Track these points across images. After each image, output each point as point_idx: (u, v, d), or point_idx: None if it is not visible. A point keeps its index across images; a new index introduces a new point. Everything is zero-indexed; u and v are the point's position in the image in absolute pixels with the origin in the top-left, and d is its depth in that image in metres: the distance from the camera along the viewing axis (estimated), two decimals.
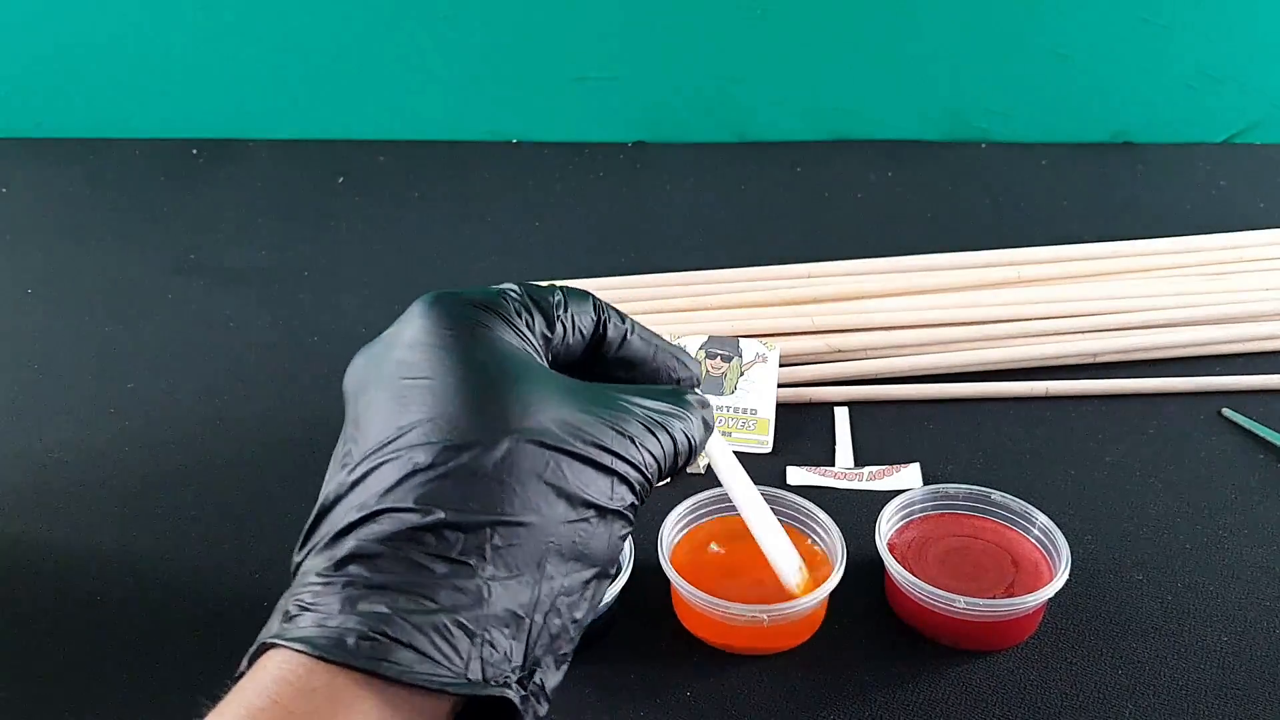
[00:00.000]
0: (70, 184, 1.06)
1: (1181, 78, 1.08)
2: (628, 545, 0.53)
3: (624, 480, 0.32)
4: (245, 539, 0.59)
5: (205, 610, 0.54)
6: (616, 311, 0.37)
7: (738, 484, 0.45)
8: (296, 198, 1.03)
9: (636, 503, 0.33)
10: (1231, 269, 0.82)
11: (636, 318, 0.38)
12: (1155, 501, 0.61)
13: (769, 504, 0.54)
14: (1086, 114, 1.10)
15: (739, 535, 0.55)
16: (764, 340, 0.72)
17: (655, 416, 0.34)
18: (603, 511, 0.32)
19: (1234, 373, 0.72)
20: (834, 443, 0.67)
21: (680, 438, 0.34)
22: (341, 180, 1.05)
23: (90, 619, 0.54)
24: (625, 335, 0.37)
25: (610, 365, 0.37)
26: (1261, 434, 0.66)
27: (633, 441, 0.33)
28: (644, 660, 0.51)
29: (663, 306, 0.79)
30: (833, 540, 0.53)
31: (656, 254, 0.89)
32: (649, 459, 0.33)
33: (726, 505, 0.56)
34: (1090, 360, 0.74)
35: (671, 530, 0.54)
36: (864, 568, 0.56)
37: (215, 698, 0.29)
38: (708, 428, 0.36)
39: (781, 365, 0.71)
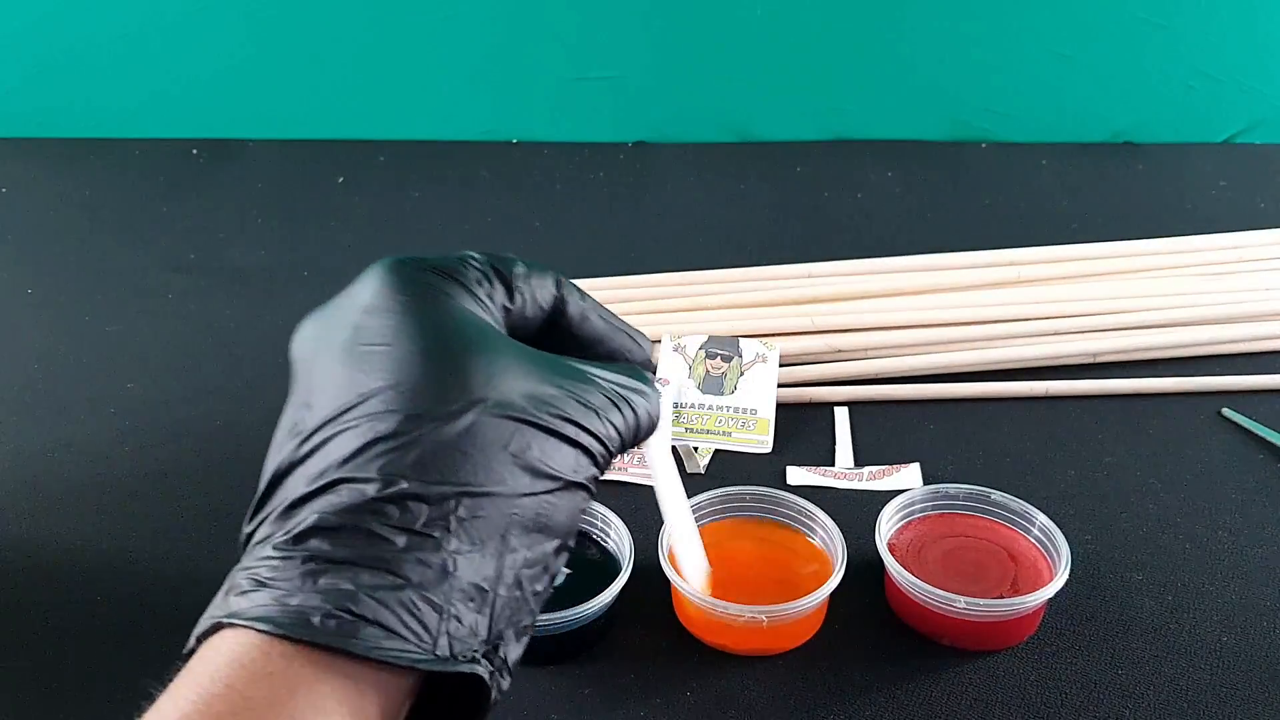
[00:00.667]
0: (70, 184, 1.06)
1: (1181, 78, 1.08)
2: (628, 545, 0.53)
3: (587, 452, 0.32)
4: None
5: (205, 610, 0.54)
6: (576, 288, 0.36)
7: (665, 474, 0.44)
8: (296, 198, 1.03)
9: (598, 474, 0.33)
10: (1231, 269, 0.82)
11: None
12: (1155, 501, 0.61)
13: (769, 504, 0.54)
14: (1086, 114, 1.10)
15: (740, 536, 0.55)
16: (764, 340, 0.72)
17: (619, 389, 0.33)
18: (566, 483, 0.31)
19: (1234, 373, 0.72)
20: (834, 443, 0.67)
21: (642, 413, 0.34)
22: (341, 180, 1.05)
23: (89, 619, 0.54)
24: (584, 313, 0.36)
25: (566, 342, 0.36)
26: (1262, 434, 0.66)
27: (596, 414, 0.32)
28: (644, 660, 0.51)
29: (663, 306, 0.79)
30: (833, 540, 0.53)
31: (656, 254, 0.89)
32: (612, 431, 0.33)
33: (729, 507, 0.56)
34: (1090, 360, 0.74)
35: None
36: (864, 568, 0.56)
37: (165, 680, 0.28)
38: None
39: (781, 365, 0.71)
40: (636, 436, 0.34)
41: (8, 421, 0.70)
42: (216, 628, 0.28)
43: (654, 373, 0.38)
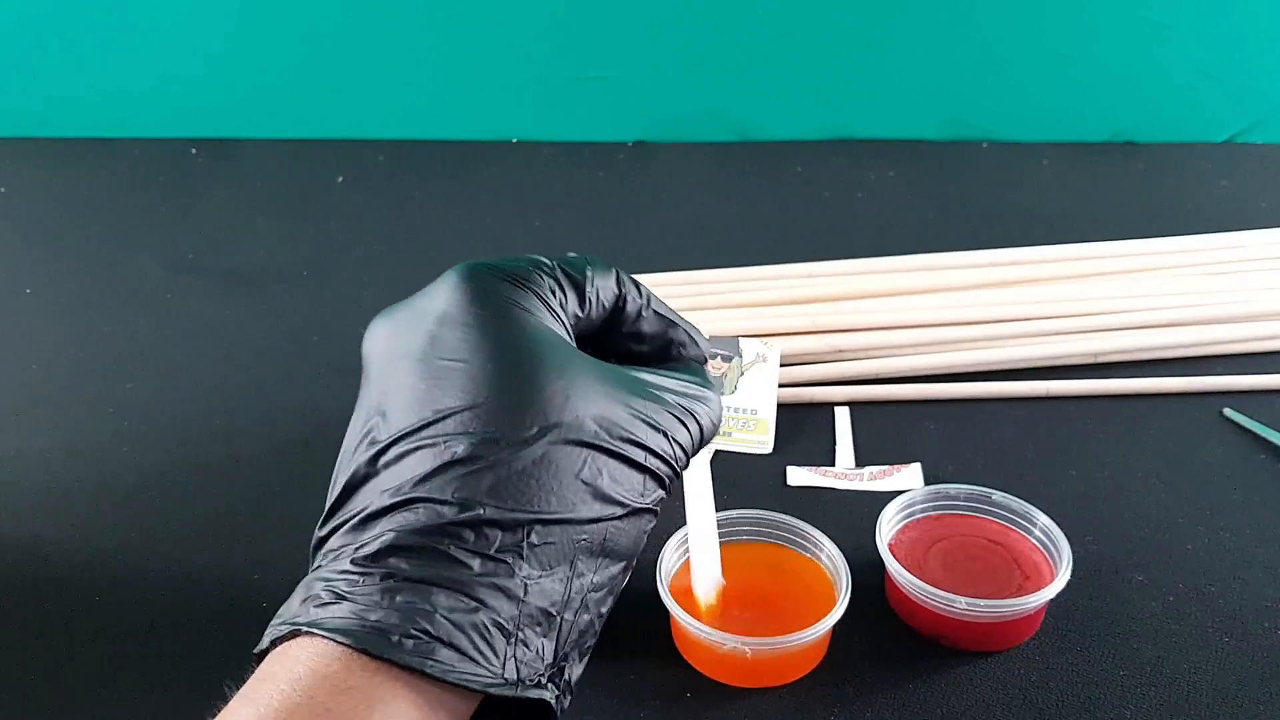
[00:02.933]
0: (70, 184, 1.06)
1: (1181, 78, 1.08)
2: None
3: (655, 476, 0.32)
4: (245, 539, 0.59)
5: (205, 610, 0.54)
6: (635, 283, 0.36)
7: (699, 477, 0.43)
8: (296, 198, 1.02)
9: (664, 495, 0.33)
10: (1232, 269, 0.82)
11: None
12: (1156, 502, 0.61)
13: (770, 528, 0.53)
14: (1086, 114, 1.10)
15: (742, 564, 0.52)
16: (764, 340, 0.72)
17: (684, 404, 0.33)
18: (634, 510, 0.32)
19: (1235, 373, 0.72)
20: (834, 443, 0.67)
21: (706, 423, 0.34)
22: (341, 180, 1.05)
23: (89, 618, 0.54)
24: (641, 310, 0.36)
25: (624, 337, 0.36)
26: (1263, 434, 0.66)
27: (665, 436, 0.32)
28: (643, 662, 0.51)
29: None
30: (838, 570, 0.51)
31: (656, 254, 0.89)
32: (679, 452, 0.33)
33: (731, 530, 0.54)
34: (1091, 360, 0.74)
35: (671, 557, 0.52)
36: (864, 568, 0.55)
37: (240, 679, 0.28)
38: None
39: (781, 365, 0.71)
40: (700, 446, 0.34)
41: (8, 421, 0.70)
42: (294, 633, 0.29)
43: (705, 364, 0.39)
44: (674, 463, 0.33)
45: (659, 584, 0.50)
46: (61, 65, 1.12)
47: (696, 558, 0.47)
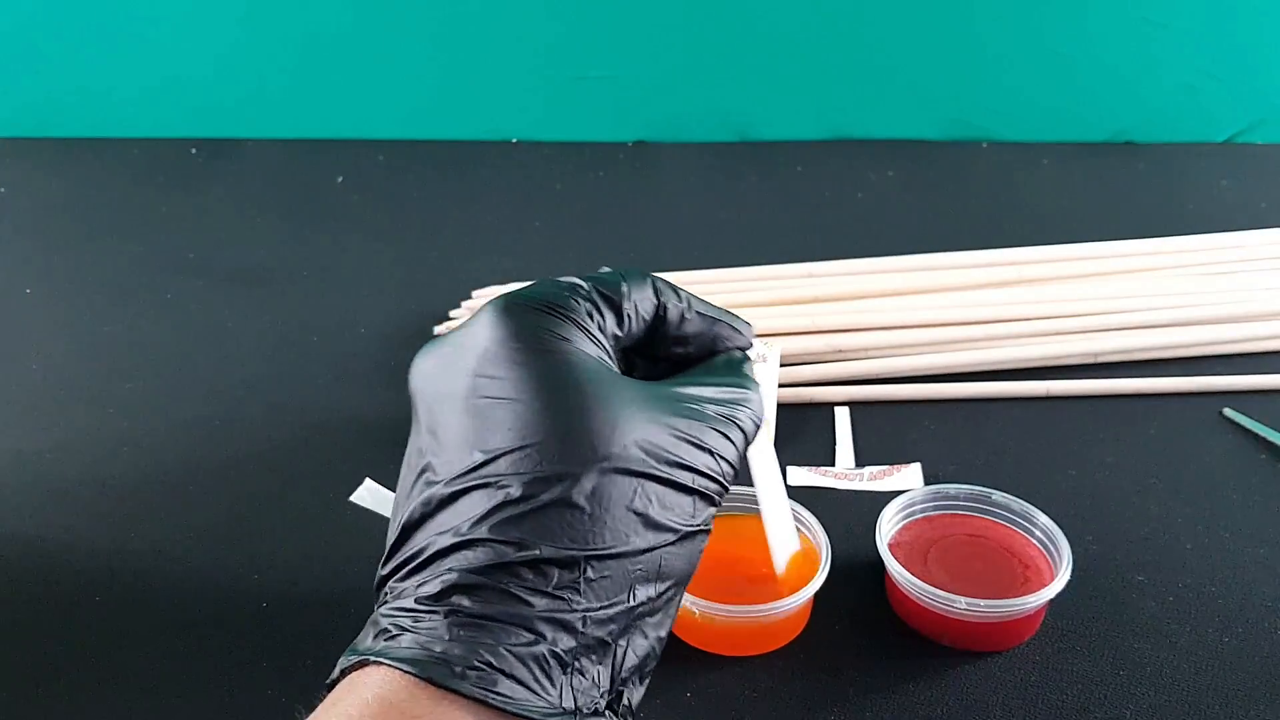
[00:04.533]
0: (70, 184, 1.06)
1: (1181, 78, 1.08)
2: None
3: (704, 496, 0.33)
4: (245, 539, 0.59)
5: (205, 610, 0.54)
6: (672, 288, 0.37)
7: (765, 458, 0.45)
8: (296, 198, 1.03)
9: (714, 511, 0.34)
10: (1232, 269, 0.82)
11: None
12: (1156, 502, 0.61)
13: (748, 501, 0.53)
14: (1086, 114, 1.10)
15: (732, 536, 0.54)
16: (764, 340, 0.72)
17: (725, 413, 0.34)
18: (686, 533, 0.32)
19: (1235, 373, 0.72)
20: (834, 443, 0.67)
21: (749, 425, 0.35)
22: (341, 180, 1.05)
23: (89, 618, 0.54)
24: (683, 314, 0.37)
25: (669, 342, 0.37)
26: (1263, 434, 0.66)
27: (711, 454, 0.33)
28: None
29: None
30: (817, 541, 0.53)
31: (656, 254, 0.89)
32: (726, 467, 0.34)
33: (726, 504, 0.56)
34: (1090, 360, 0.74)
35: None
36: (864, 568, 0.56)
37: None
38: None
39: (781, 365, 0.71)
40: (745, 450, 0.35)
41: (8, 421, 0.70)
42: (362, 664, 0.30)
43: (750, 348, 0.39)
44: (721, 479, 0.33)
45: None
46: (61, 65, 1.12)
47: (772, 533, 0.48)
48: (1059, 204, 0.98)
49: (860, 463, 0.65)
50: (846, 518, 0.59)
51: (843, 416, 0.69)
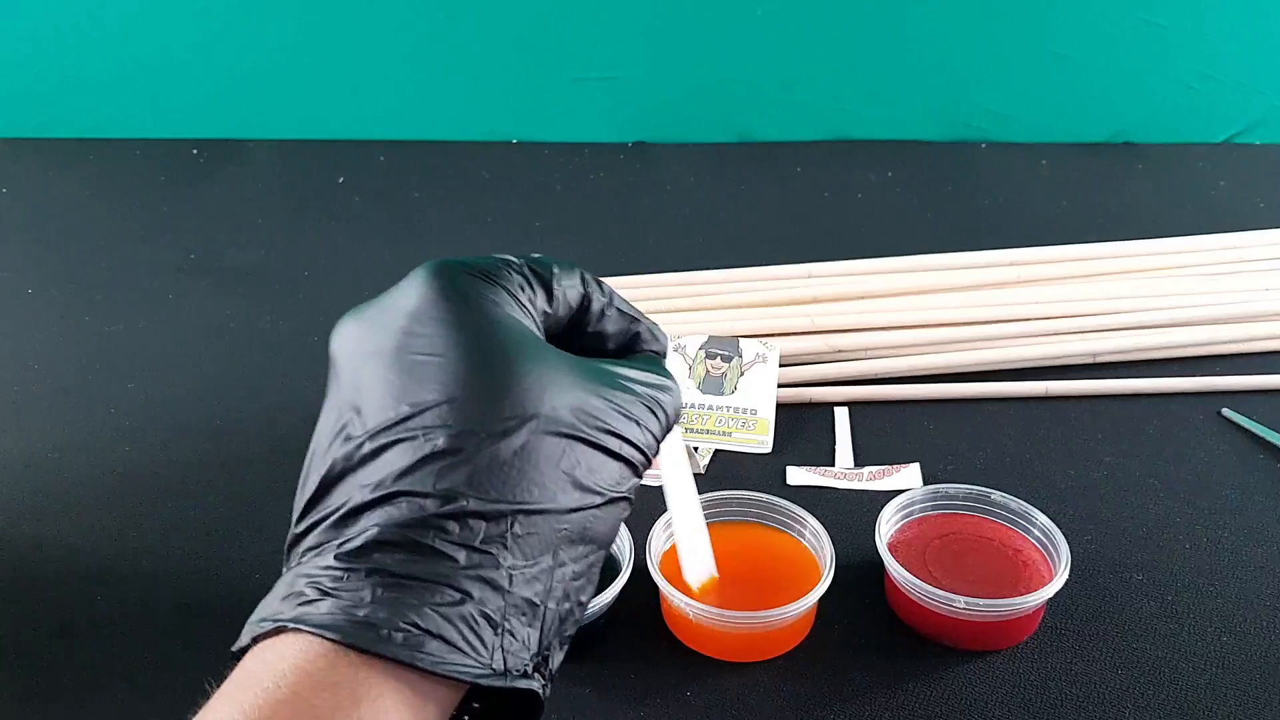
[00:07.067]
0: (70, 184, 1.06)
1: (1181, 78, 1.08)
2: (628, 546, 0.53)
3: (629, 464, 0.33)
4: (245, 539, 0.59)
5: (205, 609, 0.54)
6: (598, 282, 0.37)
7: (677, 469, 0.44)
8: (296, 198, 1.03)
9: (638, 482, 0.33)
10: (1231, 269, 0.82)
11: None
12: (1155, 501, 0.61)
13: (759, 508, 0.53)
14: (1086, 114, 1.10)
15: (729, 541, 0.54)
16: (764, 340, 0.72)
17: (651, 393, 0.34)
18: (611, 498, 0.32)
19: (1234, 373, 0.72)
20: (834, 443, 0.67)
21: (670, 411, 0.35)
22: (341, 180, 1.05)
23: (89, 618, 0.54)
24: (604, 309, 0.37)
25: (589, 336, 0.37)
26: (1261, 434, 0.66)
27: (637, 424, 0.33)
28: (643, 661, 0.51)
29: (663, 306, 0.79)
30: (822, 546, 0.53)
31: (656, 254, 0.89)
32: (650, 439, 0.33)
33: (717, 512, 0.56)
34: (1090, 360, 0.74)
35: (661, 535, 0.54)
36: (864, 568, 0.56)
37: (221, 677, 0.28)
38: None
39: (781, 365, 0.71)
40: (665, 434, 0.35)
41: (8, 421, 0.70)
42: (278, 630, 0.29)
43: (664, 357, 0.39)
44: (646, 450, 0.33)
45: (648, 560, 0.52)
46: (61, 65, 1.12)
47: (684, 546, 0.47)
48: (1058, 204, 0.98)
49: (860, 463, 0.65)
50: (846, 518, 0.59)
51: (842, 417, 0.69)
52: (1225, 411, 0.68)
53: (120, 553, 0.58)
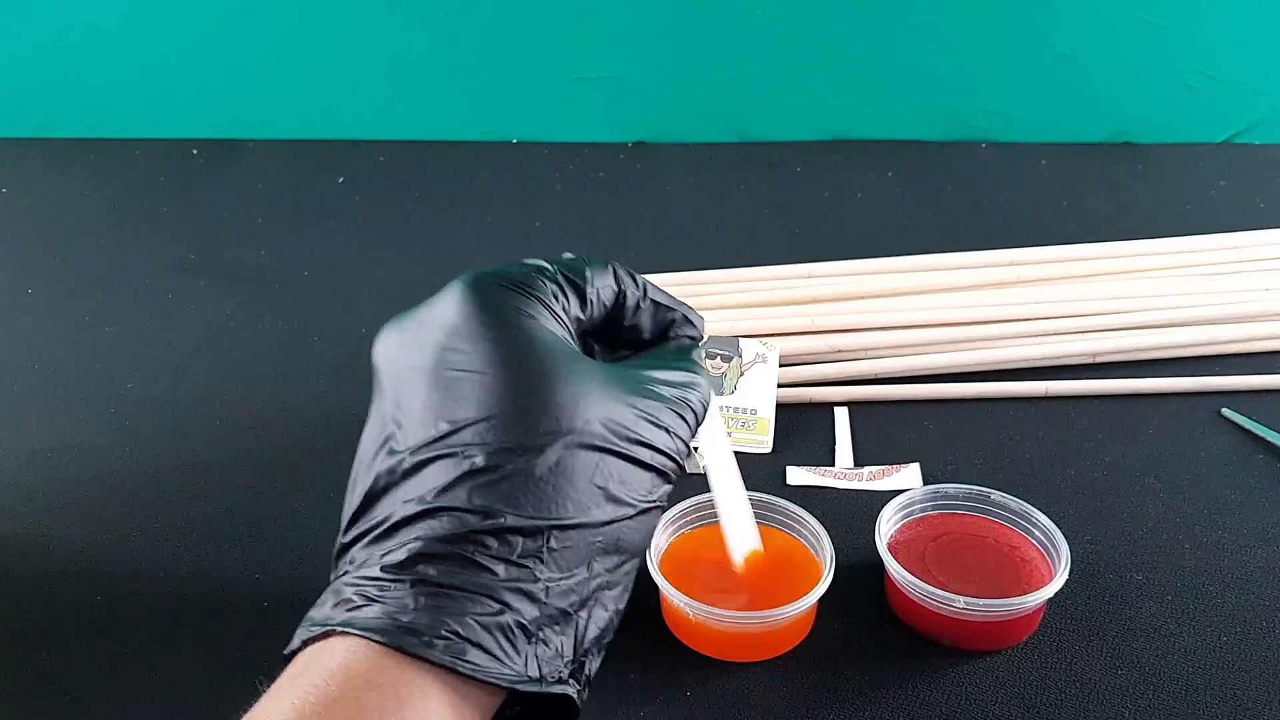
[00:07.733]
0: (70, 184, 1.06)
1: (1181, 78, 1.08)
2: None
3: (660, 473, 0.34)
4: (245, 539, 0.59)
5: (205, 610, 0.54)
6: (631, 275, 0.38)
7: (716, 446, 0.44)
8: (296, 198, 1.03)
9: (669, 489, 0.34)
10: (1231, 269, 0.83)
11: None
12: (1155, 501, 0.61)
13: (759, 508, 0.53)
14: (1086, 114, 1.10)
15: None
16: (764, 340, 0.72)
17: (679, 394, 0.35)
18: (643, 509, 0.33)
19: (1234, 373, 0.72)
20: (834, 443, 0.67)
21: (699, 408, 0.36)
22: (341, 180, 1.05)
23: (89, 618, 0.54)
24: (639, 302, 0.38)
25: (625, 329, 0.38)
26: (1261, 434, 0.66)
27: (667, 431, 0.34)
28: (644, 661, 0.51)
29: None
30: (822, 547, 0.53)
31: (656, 254, 0.89)
32: (680, 445, 0.34)
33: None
34: (1090, 360, 0.74)
35: (661, 534, 0.54)
36: (864, 568, 0.56)
37: (272, 677, 0.29)
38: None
39: (781, 365, 0.71)
40: (695, 432, 0.36)
41: (8, 421, 0.70)
42: (327, 634, 0.30)
43: (701, 339, 0.40)
44: (676, 457, 0.34)
45: (648, 560, 0.52)
46: (61, 65, 1.12)
47: (727, 520, 0.46)
48: (1058, 204, 0.98)
49: (859, 462, 0.65)
50: (846, 517, 0.59)
51: (842, 416, 0.69)
52: (1225, 411, 0.68)
53: (120, 553, 0.58)
